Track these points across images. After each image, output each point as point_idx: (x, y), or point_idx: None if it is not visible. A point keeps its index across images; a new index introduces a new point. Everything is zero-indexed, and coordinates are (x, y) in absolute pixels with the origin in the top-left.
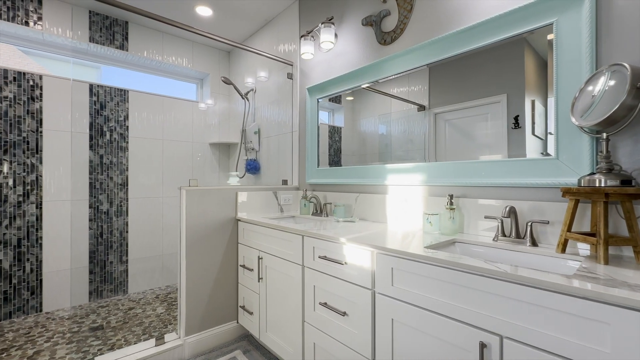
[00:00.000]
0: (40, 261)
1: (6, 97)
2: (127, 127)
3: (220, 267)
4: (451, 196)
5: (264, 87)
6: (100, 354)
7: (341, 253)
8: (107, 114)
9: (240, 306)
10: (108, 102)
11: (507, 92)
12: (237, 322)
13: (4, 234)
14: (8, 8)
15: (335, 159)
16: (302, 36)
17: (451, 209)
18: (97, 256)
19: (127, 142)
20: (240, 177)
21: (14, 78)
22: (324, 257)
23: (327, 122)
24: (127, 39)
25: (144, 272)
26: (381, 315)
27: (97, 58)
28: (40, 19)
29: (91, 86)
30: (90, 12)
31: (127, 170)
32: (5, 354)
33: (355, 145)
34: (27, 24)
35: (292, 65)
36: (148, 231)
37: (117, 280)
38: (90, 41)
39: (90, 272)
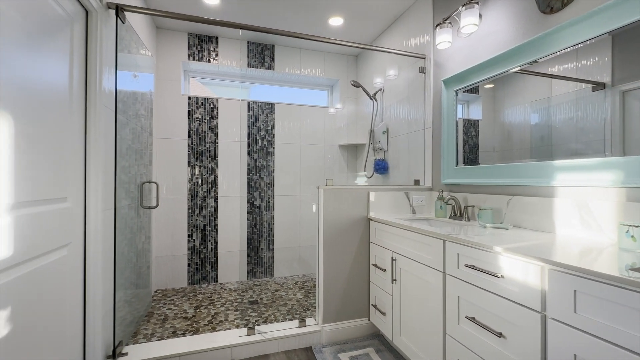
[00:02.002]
0: (217, 242)
1: (197, 117)
2: (274, 134)
3: (352, 263)
4: None
5: (393, 85)
6: (258, 324)
7: (496, 264)
8: (259, 125)
9: (372, 304)
10: (260, 115)
11: None
12: (369, 320)
13: (196, 220)
14: (198, 51)
15: (470, 157)
16: (437, 25)
17: None
18: (252, 243)
19: (274, 148)
20: (369, 177)
21: (201, 103)
22: (472, 267)
23: (461, 115)
24: (273, 59)
25: (285, 260)
26: (557, 347)
27: (252, 79)
28: (217, 55)
29: (249, 103)
30: (248, 42)
31: (273, 171)
32: (197, 310)
33: (496, 140)
34: (209, 61)
35: (424, 58)
36: (288, 225)
37: (266, 264)
38: (248, 66)
39: (248, 255)
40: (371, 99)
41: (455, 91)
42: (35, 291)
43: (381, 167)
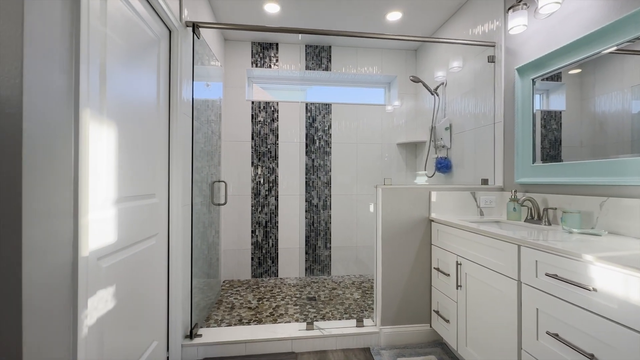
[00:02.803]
0: (277, 239)
1: (259, 120)
2: (330, 134)
3: (412, 266)
4: None
5: (457, 78)
6: (316, 320)
7: (586, 275)
8: (316, 126)
9: (433, 310)
10: (317, 115)
11: None
12: (430, 327)
13: (258, 217)
14: (260, 58)
15: (551, 153)
16: (510, 8)
17: None
18: (310, 241)
19: (330, 148)
20: (429, 177)
21: (263, 107)
22: (554, 276)
23: (539, 106)
24: (330, 60)
25: (342, 260)
26: None
27: (309, 81)
28: (277, 60)
29: (307, 105)
30: (306, 46)
31: (330, 171)
32: (260, 302)
33: (584, 133)
34: (270, 66)
35: (493, 46)
36: (345, 224)
37: (323, 262)
38: (305, 69)
39: (306, 253)
40: (432, 94)
41: (532, 80)
42: (133, 273)
43: (443, 166)
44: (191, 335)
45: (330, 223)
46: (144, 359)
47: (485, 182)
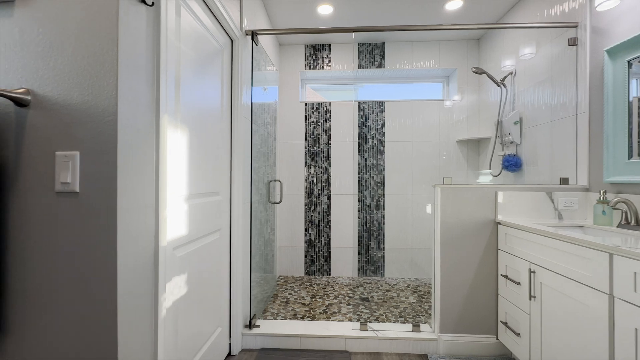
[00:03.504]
0: (330, 238)
1: (312, 121)
2: (384, 133)
3: (476, 271)
4: None
5: (529, 66)
6: (369, 321)
7: None
8: (369, 124)
9: (501, 321)
10: (370, 114)
11: None
12: (497, 339)
13: (311, 215)
14: (313, 60)
15: None
16: None
17: None
18: (363, 241)
19: (384, 146)
20: (495, 175)
21: (316, 108)
22: None
23: (636, 93)
24: (383, 57)
25: (396, 262)
26: None
27: (362, 80)
28: (329, 61)
29: (359, 103)
30: (359, 45)
31: (383, 170)
32: (313, 299)
33: None
34: (322, 67)
35: (575, 27)
36: (399, 225)
37: (376, 263)
38: (358, 68)
39: (359, 253)
40: (498, 86)
41: (628, 62)
42: (201, 264)
43: (512, 164)
44: (250, 325)
45: (383, 223)
46: (210, 343)
47: (564, 181)
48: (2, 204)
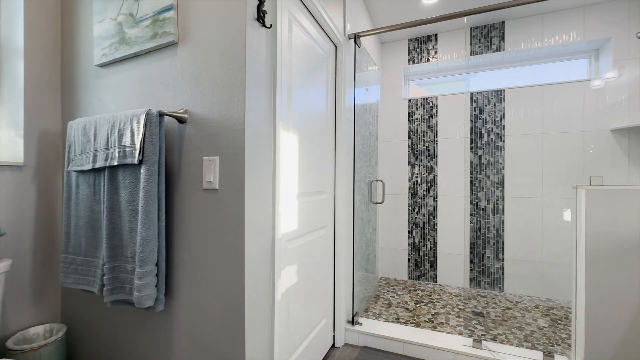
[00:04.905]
0: (436, 242)
1: (416, 118)
2: (503, 126)
3: None
4: None
5: None
6: (484, 339)
7: None
8: (484, 117)
9: None
10: (485, 105)
11: None
12: None
13: (415, 217)
14: (417, 53)
15: None
16: None
17: None
18: (476, 248)
19: (503, 141)
20: None
21: (421, 104)
22: None
23: None
24: (503, 39)
25: (520, 276)
26: None
27: (475, 68)
28: (436, 53)
29: (472, 95)
30: (471, 29)
31: (503, 169)
32: (418, 305)
33: None
34: (428, 60)
35: None
36: (524, 233)
37: (493, 275)
38: (470, 55)
39: (471, 262)
40: None
41: None
42: (308, 257)
43: None
44: (352, 321)
45: (503, 230)
46: (316, 332)
47: None
48: (171, 198)
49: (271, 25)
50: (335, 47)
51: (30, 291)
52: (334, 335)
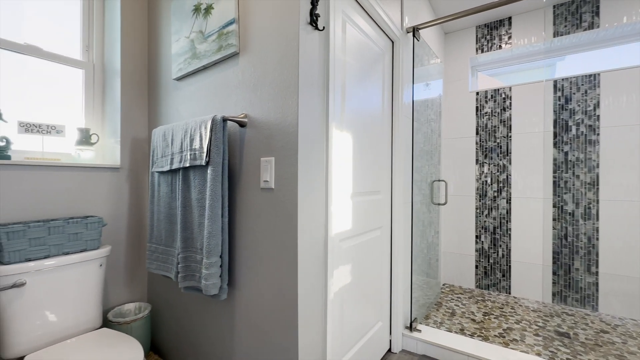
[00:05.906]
0: (510, 249)
1: (486, 112)
2: (598, 116)
3: None
4: None
5: None
6: None
7: None
8: (572, 107)
9: None
10: (574, 93)
11: None
12: None
13: (485, 221)
14: (487, 41)
15: None
16: None
17: None
18: (560, 258)
19: (597, 134)
20: None
21: (491, 96)
22: None
23: None
24: (597, 14)
25: (620, 294)
26: None
27: (559, 51)
28: (509, 38)
29: (555, 82)
30: (554, 6)
31: (597, 167)
32: (486, 317)
33: None
34: (500, 47)
35: None
36: (626, 243)
37: (583, 291)
38: (554, 36)
39: (554, 273)
40: None
41: None
42: (363, 258)
43: None
44: (410, 327)
45: (597, 239)
46: (371, 334)
47: None
48: (233, 196)
49: (324, 27)
50: (392, 42)
51: (124, 273)
52: (390, 340)
